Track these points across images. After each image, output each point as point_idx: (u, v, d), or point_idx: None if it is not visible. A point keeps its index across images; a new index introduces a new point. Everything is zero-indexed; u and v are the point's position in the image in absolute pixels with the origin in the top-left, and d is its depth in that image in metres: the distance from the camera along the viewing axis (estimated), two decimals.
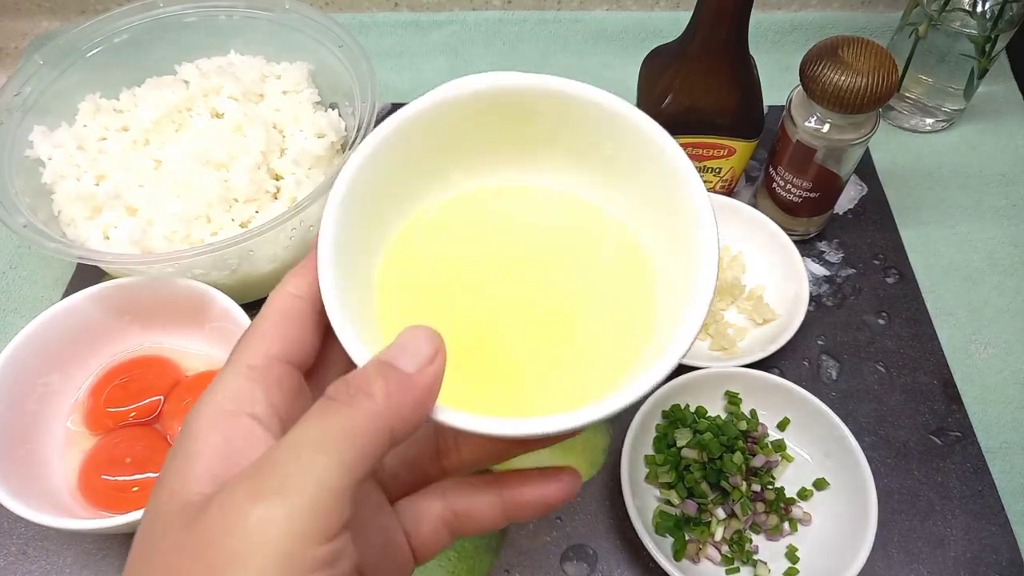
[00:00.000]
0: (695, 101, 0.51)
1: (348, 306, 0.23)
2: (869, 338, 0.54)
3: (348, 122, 0.57)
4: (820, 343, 0.54)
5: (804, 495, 0.46)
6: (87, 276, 0.57)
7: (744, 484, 0.45)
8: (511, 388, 0.25)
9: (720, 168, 0.56)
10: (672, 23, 0.72)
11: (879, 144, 0.66)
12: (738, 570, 0.43)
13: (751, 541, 0.44)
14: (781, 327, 0.52)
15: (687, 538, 0.44)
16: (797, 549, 0.44)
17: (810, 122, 0.51)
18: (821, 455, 0.47)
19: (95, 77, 0.57)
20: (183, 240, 0.50)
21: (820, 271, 0.58)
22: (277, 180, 0.54)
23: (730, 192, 0.59)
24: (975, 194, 0.63)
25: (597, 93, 0.26)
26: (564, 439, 0.23)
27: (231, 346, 0.23)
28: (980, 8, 0.57)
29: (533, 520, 0.46)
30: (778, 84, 0.60)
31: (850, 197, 0.62)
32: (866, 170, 0.64)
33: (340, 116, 0.57)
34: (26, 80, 0.54)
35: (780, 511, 0.45)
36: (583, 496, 0.47)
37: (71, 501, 0.44)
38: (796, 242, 0.55)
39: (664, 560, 0.41)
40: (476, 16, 0.73)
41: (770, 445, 0.47)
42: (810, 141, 0.51)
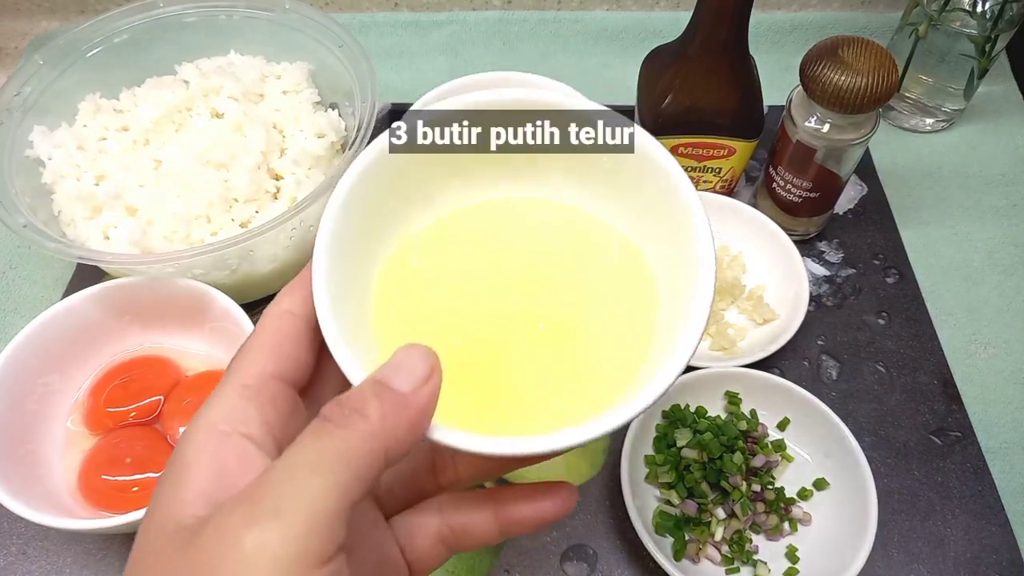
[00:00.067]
0: (695, 101, 0.51)
1: (343, 323, 0.23)
2: (869, 338, 0.54)
3: (348, 122, 0.57)
4: (820, 343, 0.54)
5: (804, 495, 0.46)
6: (87, 276, 0.57)
7: (744, 484, 0.45)
8: (509, 404, 0.24)
9: (720, 168, 0.56)
10: (672, 23, 0.72)
11: (879, 144, 0.66)
12: (738, 570, 0.43)
13: (751, 541, 0.44)
14: (781, 327, 0.52)
15: (687, 538, 0.44)
16: (797, 549, 0.44)
17: (810, 122, 0.51)
18: (821, 455, 0.47)
19: (95, 77, 0.57)
20: (183, 240, 0.50)
21: (820, 271, 0.58)
22: (277, 180, 0.54)
23: (730, 192, 0.59)
24: (975, 194, 0.63)
25: (594, 108, 0.26)
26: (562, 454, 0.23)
27: (231, 346, 0.23)
28: (980, 8, 0.57)
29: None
30: (778, 84, 0.60)
31: (850, 197, 0.62)
32: (866, 170, 0.64)
33: (340, 116, 0.57)
34: (26, 80, 0.54)
35: (780, 511, 0.45)
36: (583, 496, 0.47)
37: (71, 501, 0.44)
38: (796, 242, 0.55)
39: (664, 560, 0.41)
40: (476, 16, 0.73)
41: (770, 445, 0.47)
42: (810, 141, 0.51)
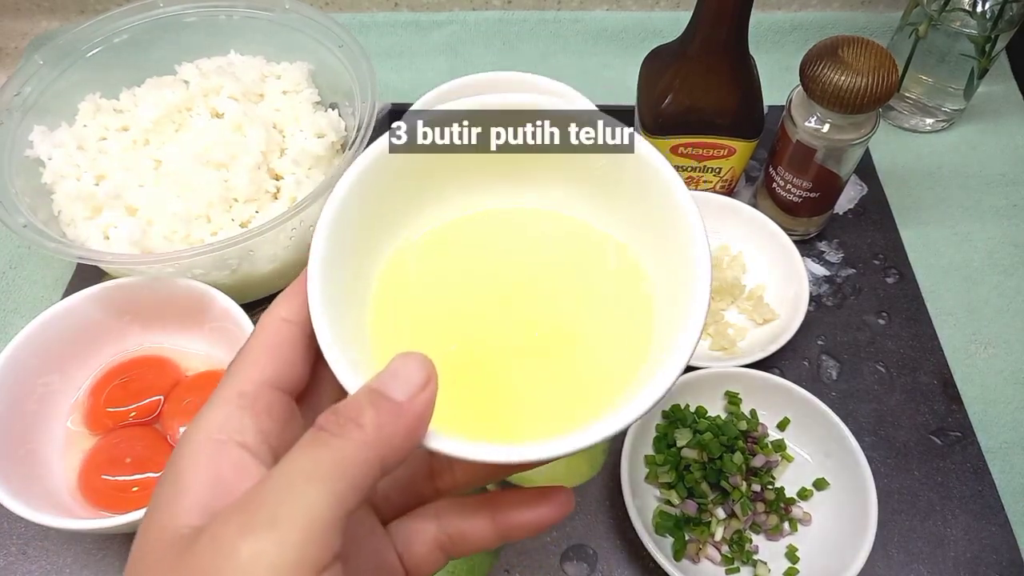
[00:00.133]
0: (695, 101, 0.51)
1: (339, 330, 0.22)
2: (869, 338, 0.54)
3: (348, 122, 0.57)
4: (820, 343, 0.54)
5: (804, 495, 0.46)
6: (87, 276, 0.57)
7: (744, 484, 0.45)
8: (505, 410, 0.24)
9: (720, 168, 0.56)
10: (672, 23, 0.72)
11: (879, 144, 0.66)
12: (738, 570, 0.43)
13: (751, 541, 0.44)
14: (781, 327, 0.52)
15: (687, 538, 0.44)
16: (797, 549, 0.44)
17: (810, 122, 0.51)
18: (821, 455, 0.47)
19: (95, 77, 0.57)
20: (183, 240, 0.50)
21: (820, 271, 0.58)
22: (277, 180, 0.54)
23: (730, 192, 0.59)
24: (975, 194, 0.63)
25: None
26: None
27: (231, 346, 0.23)
28: (980, 8, 0.57)
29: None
30: (778, 84, 0.60)
31: (850, 197, 0.62)
32: (866, 170, 0.64)
33: (340, 116, 0.57)
34: (26, 80, 0.54)
35: (780, 511, 0.45)
36: (583, 496, 0.47)
37: (71, 501, 0.44)
38: (796, 242, 0.55)
39: (664, 560, 0.41)
40: (476, 16, 0.73)
41: (770, 445, 0.47)
42: (810, 141, 0.51)
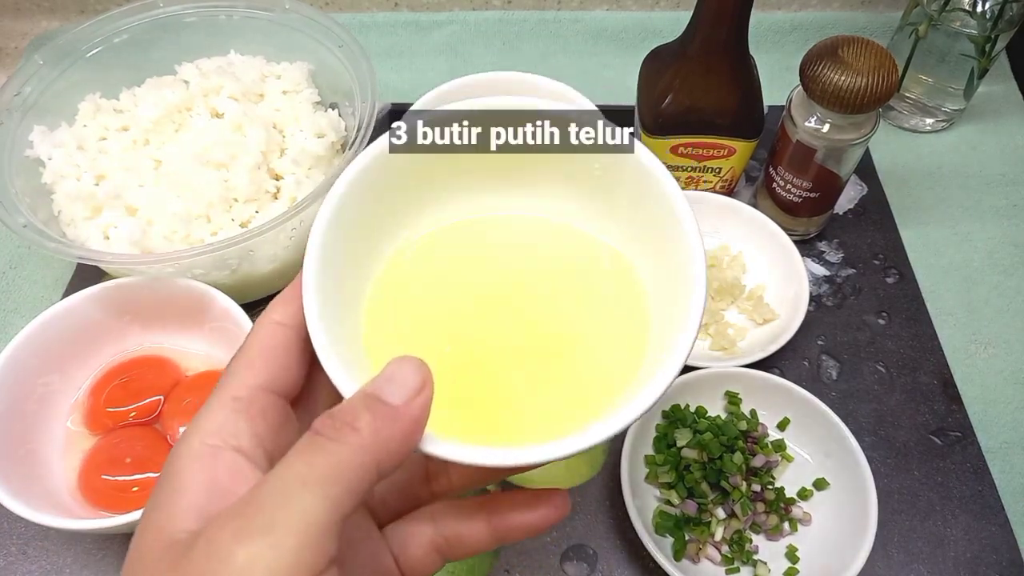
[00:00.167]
0: (695, 101, 0.51)
1: (334, 334, 0.22)
2: (869, 338, 0.54)
3: (348, 122, 0.57)
4: (820, 343, 0.54)
5: (804, 495, 0.46)
6: (87, 276, 0.57)
7: (744, 484, 0.45)
8: (501, 413, 0.24)
9: (720, 168, 0.56)
10: (672, 23, 0.72)
11: (879, 144, 0.66)
12: (738, 570, 0.43)
13: (751, 541, 0.44)
14: (781, 327, 0.52)
15: (687, 538, 0.44)
16: (797, 549, 0.44)
17: (810, 122, 0.51)
18: (821, 455, 0.47)
19: (95, 77, 0.57)
20: (183, 240, 0.50)
21: (820, 271, 0.58)
22: (277, 180, 0.54)
23: (730, 192, 0.59)
24: (975, 194, 0.63)
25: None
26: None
27: (231, 346, 0.23)
28: (980, 8, 0.57)
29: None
30: (778, 84, 0.60)
31: (850, 197, 0.62)
32: (866, 170, 0.63)
33: (340, 116, 0.57)
34: (26, 80, 0.54)
35: (780, 511, 0.45)
36: (583, 496, 0.47)
37: (71, 501, 0.44)
38: (796, 242, 0.55)
39: (664, 560, 0.41)
40: (476, 16, 0.73)
41: (770, 445, 0.47)
42: (810, 141, 0.51)
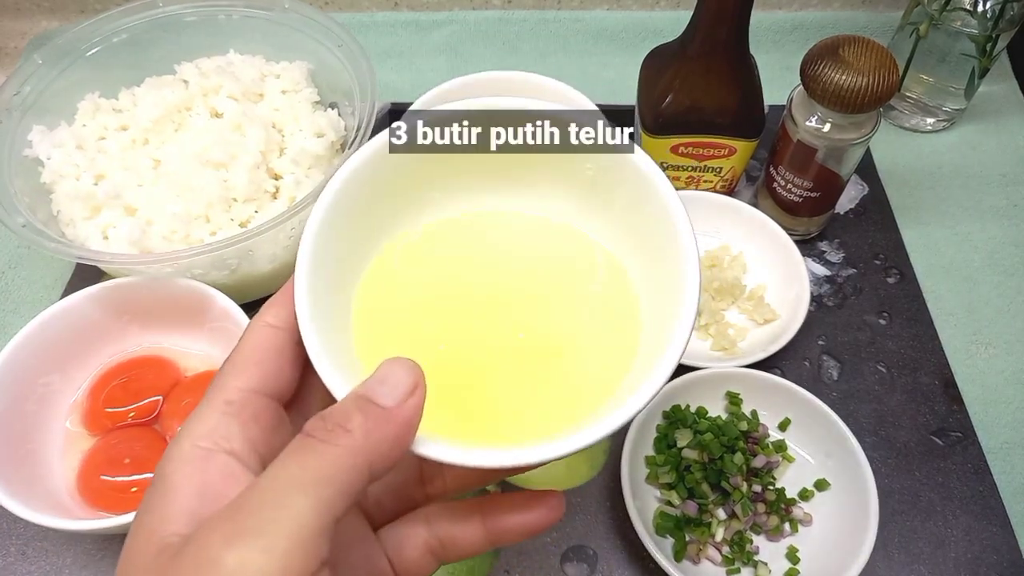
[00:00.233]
0: (695, 101, 0.51)
1: (326, 336, 0.22)
2: (870, 338, 0.54)
3: (348, 122, 0.57)
4: (821, 343, 0.54)
5: (805, 496, 0.46)
6: (86, 276, 0.57)
7: (745, 485, 0.45)
8: (495, 415, 0.24)
9: (720, 168, 0.56)
10: (672, 23, 0.71)
11: (880, 144, 0.65)
12: (739, 571, 0.43)
13: (752, 542, 0.44)
14: (782, 327, 0.51)
15: (687, 539, 0.44)
16: (798, 550, 0.44)
17: (811, 121, 0.51)
18: (822, 455, 0.47)
19: (94, 76, 0.57)
20: (182, 240, 0.50)
21: (821, 271, 0.58)
22: (276, 180, 0.54)
23: (731, 192, 0.59)
24: (976, 194, 0.63)
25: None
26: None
27: (230, 346, 0.23)
28: (981, 8, 0.57)
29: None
30: (779, 83, 0.59)
31: (851, 197, 0.62)
32: (867, 170, 0.63)
33: (340, 116, 0.57)
34: (25, 79, 0.54)
35: (781, 512, 0.45)
36: (583, 497, 0.47)
37: (70, 502, 0.44)
38: (797, 242, 0.55)
39: (664, 561, 0.41)
40: (476, 16, 0.73)
41: (771, 446, 0.47)
42: (811, 141, 0.51)
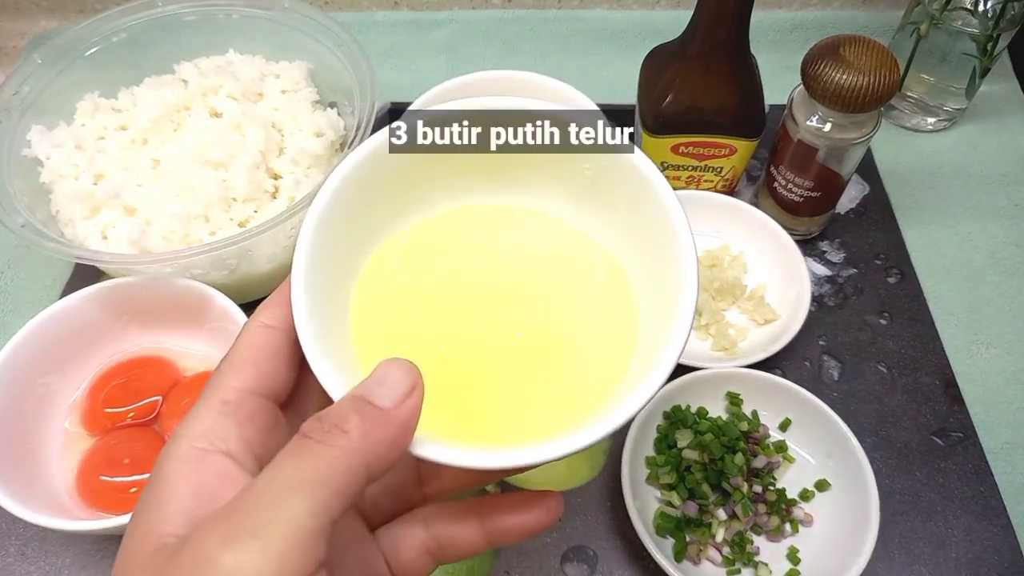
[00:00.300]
0: (696, 100, 0.51)
1: (323, 336, 0.22)
2: (871, 338, 0.54)
3: (347, 121, 0.57)
4: (822, 343, 0.54)
5: (805, 496, 0.46)
6: (85, 276, 0.56)
7: (745, 485, 0.45)
8: (493, 415, 0.24)
9: (721, 167, 0.56)
10: (673, 22, 0.71)
11: (881, 143, 0.65)
12: (739, 571, 0.43)
13: (752, 542, 0.44)
14: (782, 327, 0.51)
15: (688, 539, 0.44)
16: (798, 550, 0.44)
17: (811, 121, 0.51)
18: (823, 456, 0.46)
19: (93, 76, 0.57)
20: (181, 240, 0.50)
21: (822, 271, 0.58)
22: (276, 179, 0.54)
23: (731, 191, 0.59)
24: (977, 194, 0.63)
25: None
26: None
27: (230, 346, 0.23)
28: (982, 7, 0.57)
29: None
30: (779, 83, 0.59)
31: (852, 196, 0.62)
32: (868, 169, 0.63)
33: (339, 115, 0.57)
34: (24, 79, 0.54)
35: (781, 512, 0.45)
36: (584, 497, 0.47)
37: (69, 502, 0.44)
38: (798, 242, 0.55)
39: (665, 561, 0.40)
40: (476, 15, 0.72)
41: (771, 446, 0.47)
42: (812, 140, 0.51)
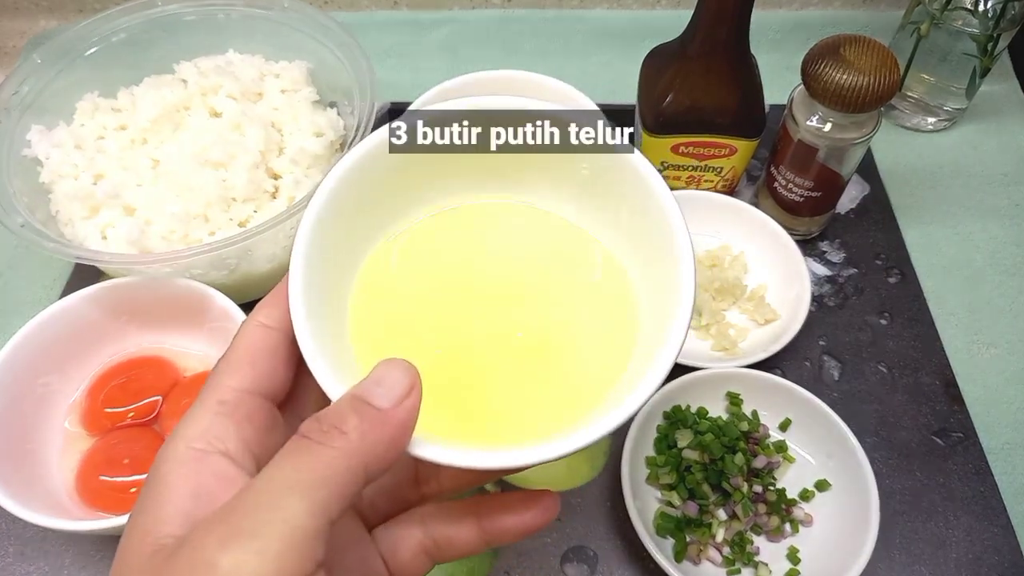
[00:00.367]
0: (696, 100, 0.51)
1: (321, 336, 0.22)
2: (871, 338, 0.54)
3: (347, 121, 0.57)
4: (822, 343, 0.54)
5: (806, 496, 0.46)
6: (85, 276, 0.56)
7: (745, 485, 0.45)
8: (491, 415, 0.24)
9: (721, 167, 0.56)
10: (673, 22, 0.71)
11: (881, 143, 0.65)
12: (739, 571, 0.43)
13: (752, 542, 0.44)
14: (783, 327, 0.51)
15: (688, 539, 0.44)
16: (799, 550, 0.44)
17: (812, 121, 0.51)
18: (823, 456, 0.46)
19: (93, 76, 0.57)
20: (181, 240, 0.50)
21: (822, 271, 0.58)
22: (275, 179, 0.54)
23: (731, 191, 0.59)
24: (977, 194, 0.63)
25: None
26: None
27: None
28: (982, 7, 0.57)
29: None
30: (779, 83, 0.59)
31: (852, 196, 0.62)
32: (868, 169, 0.63)
33: (339, 115, 0.57)
34: (24, 79, 0.53)
35: (781, 512, 0.45)
36: (584, 497, 0.47)
37: (69, 502, 0.43)
38: (798, 242, 0.55)
39: (665, 561, 0.40)
40: (476, 15, 0.72)
41: (771, 446, 0.47)
42: (812, 140, 0.51)
